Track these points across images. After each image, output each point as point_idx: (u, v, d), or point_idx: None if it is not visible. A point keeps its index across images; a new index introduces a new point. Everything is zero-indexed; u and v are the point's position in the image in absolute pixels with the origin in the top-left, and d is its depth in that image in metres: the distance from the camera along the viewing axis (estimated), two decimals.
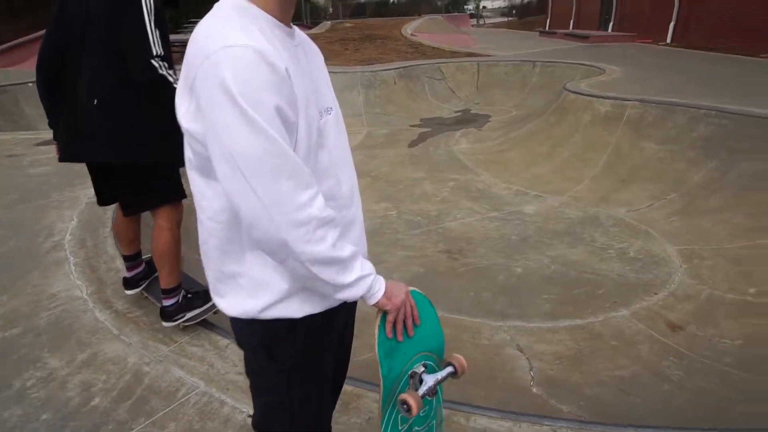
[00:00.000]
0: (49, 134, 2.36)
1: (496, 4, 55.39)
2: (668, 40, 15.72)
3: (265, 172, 0.83)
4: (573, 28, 22.58)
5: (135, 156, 2.11)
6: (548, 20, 27.96)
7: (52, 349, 2.20)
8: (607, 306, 3.47)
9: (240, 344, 1.14)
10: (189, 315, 2.36)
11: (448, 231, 4.82)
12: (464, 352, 3.05)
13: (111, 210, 3.55)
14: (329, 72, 1.19)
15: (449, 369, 1.19)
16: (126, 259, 2.60)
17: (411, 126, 9.13)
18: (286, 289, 1.00)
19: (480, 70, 11.61)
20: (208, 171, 0.92)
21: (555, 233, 4.66)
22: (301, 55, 1.00)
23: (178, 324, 2.34)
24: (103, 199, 2.50)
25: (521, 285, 3.81)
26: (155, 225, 2.30)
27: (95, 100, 2.05)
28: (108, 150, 2.11)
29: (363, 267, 1.01)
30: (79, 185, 4.05)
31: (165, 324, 2.35)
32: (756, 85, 7.61)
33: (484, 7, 50.38)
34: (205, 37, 0.86)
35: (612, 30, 19.85)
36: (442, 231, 4.82)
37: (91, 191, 3.90)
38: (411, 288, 1.14)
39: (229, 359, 2.14)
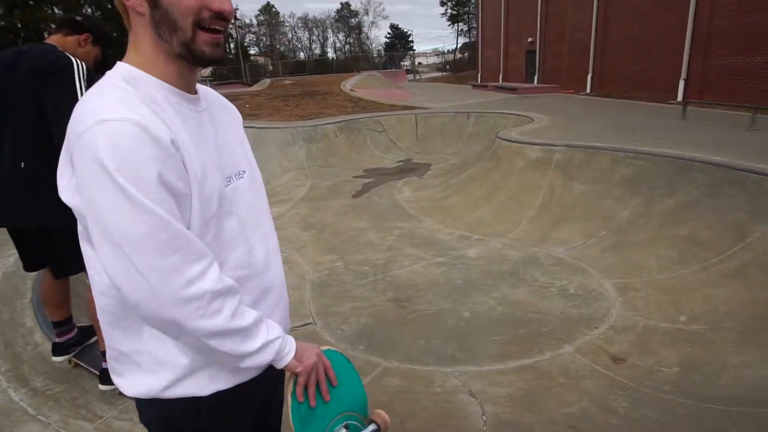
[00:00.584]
0: None
1: (431, 60, 58.74)
2: (588, 90, 17.16)
3: (149, 249, 0.79)
4: (502, 81, 24.21)
5: (62, 221, 1.99)
6: (479, 74, 29.91)
7: None
8: (552, 343, 3.53)
9: (144, 424, 1.04)
10: None
11: (395, 279, 4.82)
12: (418, 402, 3.00)
13: (30, 279, 3.29)
14: (271, 127, 1.16)
15: (372, 427, 1.13)
16: (55, 325, 2.41)
17: (354, 177, 9.25)
18: (188, 365, 0.94)
19: (418, 121, 12.09)
20: None
21: (499, 275, 4.76)
22: (205, 120, 0.97)
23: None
24: (30, 265, 2.32)
25: (469, 329, 3.83)
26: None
27: (22, 164, 1.95)
28: (35, 215, 1.99)
29: (269, 331, 0.96)
30: None
31: (103, 388, 2.19)
32: (666, 128, 8.38)
33: (419, 63, 53.21)
34: (83, 109, 0.82)
35: (537, 82, 21.46)
36: (389, 279, 4.81)
37: (9, 260, 3.63)
38: (325, 347, 1.09)
39: None
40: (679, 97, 12.65)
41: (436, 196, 7.61)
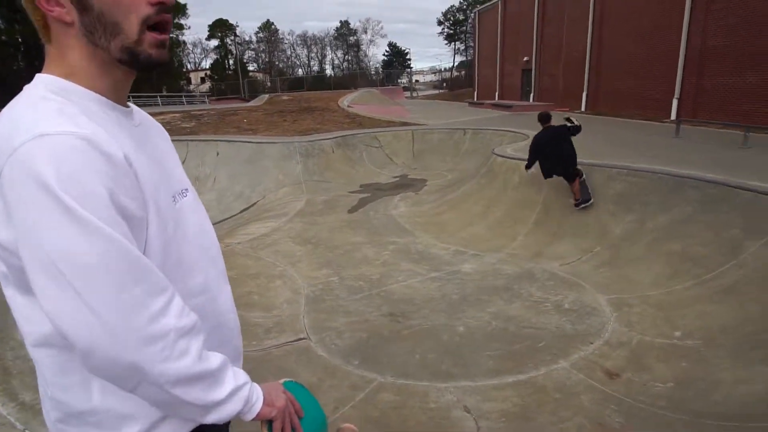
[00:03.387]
0: None
1: (428, 78, 59.36)
2: (582, 109, 17.36)
3: (104, 281, 0.68)
4: (498, 99, 24.48)
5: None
6: (476, 92, 30.24)
7: None
8: (547, 359, 3.52)
9: None
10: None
11: (390, 294, 4.81)
12: (413, 418, 2.98)
13: None
14: (268, 142, 1.09)
15: None
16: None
17: (350, 192, 9.28)
18: (159, 414, 0.84)
19: (415, 137, 12.18)
20: (29, 287, 0.74)
21: (494, 290, 4.76)
22: (143, 136, 0.88)
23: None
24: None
25: (464, 343, 3.81)
26: None
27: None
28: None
29: (236, 376, 0.85)
30: None
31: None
32: (660, 146, 8.48)
33: (416, 81, 53.77)
34: (10, 125, 0.71)
35: (533, 100, 21.72)
36: (384, 294, 4.80)
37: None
38: (282, 380, 1.04)
39: None
40: (673, 116, 12.81)
41: (431, 211, 7.63)
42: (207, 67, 55.18)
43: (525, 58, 22.96)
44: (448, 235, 6.51)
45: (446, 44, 62.11)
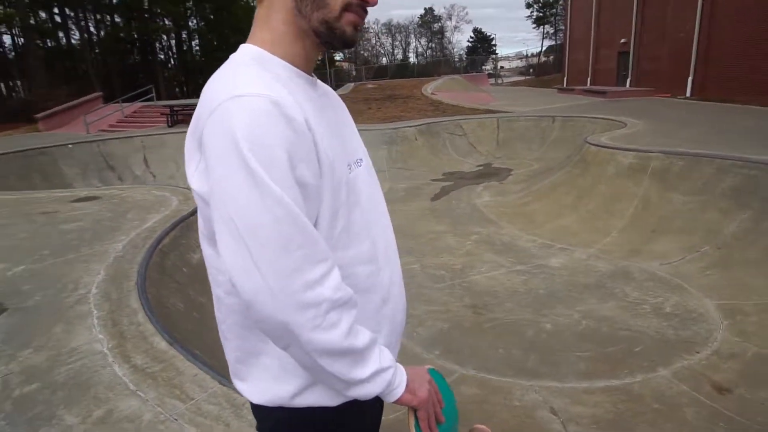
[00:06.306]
0: (85, 191, 2.42)
1: (514, 64, 57.23)
2: (687, 94, 15.84)
3: (272, 242, 0.72)
4: (590, 85, 23.01)
5: None
6: (565, 78, 28.65)
7: (68, 405, 2.15)
8: (645, 365, 3.26)
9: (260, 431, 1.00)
10: None
11: (472, 285, 4.71)
12: (495, 415, 2.90)
13: (137, 264, 3.58)
14: None
15: None
16: None
17: (433, 180, 9.20)
18: None
19: (500, 125, 11.79)
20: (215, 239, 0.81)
21: (584, 287, 4.49)
22: (325, 105, 0.92)
23: None
24: None
25: (552, 342, 3.64)
26: None
27: None
28: None
29: (382, 358, 0.84)
30: (109, 240, 4.11)
31: None
32: None
33: (501, 67, 52.00)
34: (215, 85, 0.79)
35: (630, 85, 20.16)
36: (466, 285, 4.72)
37: (118, 246, 3.97)
38: (428, 367, 1.01)
39: (246, 418, 2.05)
40: None
41: (517, 201, 7.37)
42: None
43: (622, 40, 21.31)
44: (534, 226, 6.25)
45: (534, 28, 59.23)
